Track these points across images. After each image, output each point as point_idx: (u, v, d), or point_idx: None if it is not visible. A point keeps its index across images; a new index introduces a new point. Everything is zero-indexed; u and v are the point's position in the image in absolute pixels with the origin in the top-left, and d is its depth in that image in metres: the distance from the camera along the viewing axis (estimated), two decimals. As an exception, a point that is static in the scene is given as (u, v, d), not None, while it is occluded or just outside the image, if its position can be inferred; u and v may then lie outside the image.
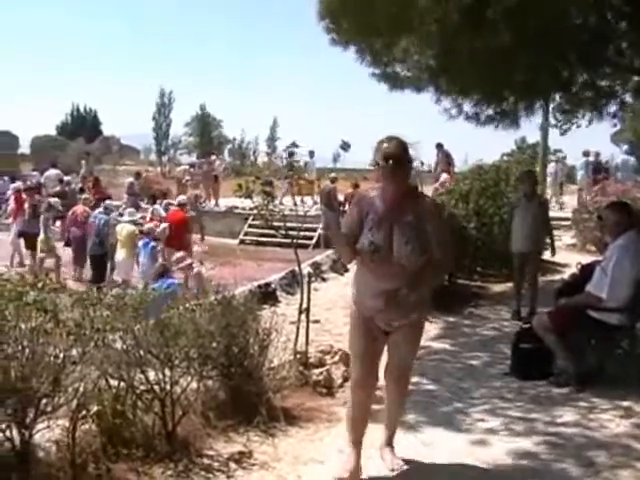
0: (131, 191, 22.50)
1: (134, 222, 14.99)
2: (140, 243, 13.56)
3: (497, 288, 11.48)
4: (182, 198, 16.40)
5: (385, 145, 4.15)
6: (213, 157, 28.48)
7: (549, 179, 22.50)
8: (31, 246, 15.32)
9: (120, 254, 13.75)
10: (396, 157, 4.09)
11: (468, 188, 12.52)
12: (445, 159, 21.67)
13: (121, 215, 16.63)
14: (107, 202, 16.61)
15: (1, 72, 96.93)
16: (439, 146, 22.09)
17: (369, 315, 4.34)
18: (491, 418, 5.65)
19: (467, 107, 9.53)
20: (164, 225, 14.53)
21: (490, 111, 9.34)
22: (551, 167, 23.59)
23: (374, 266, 4.21)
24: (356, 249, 4.25)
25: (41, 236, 14.90)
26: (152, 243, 13.40)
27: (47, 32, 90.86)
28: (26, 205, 15.98)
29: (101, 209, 15.34)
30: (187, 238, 14.70)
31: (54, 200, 16.71)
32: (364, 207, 4.29)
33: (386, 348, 4.49)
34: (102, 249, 14.25)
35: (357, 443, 4.54)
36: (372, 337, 4.37)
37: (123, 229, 14.06)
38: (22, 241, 15.96)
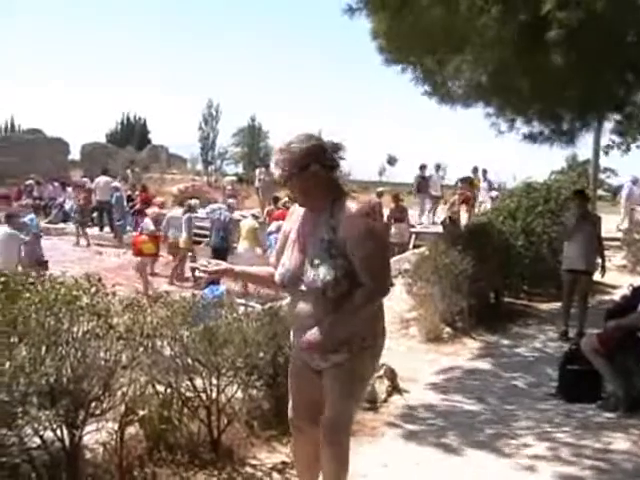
0: (230, 193, 22.96)
1: (255, 217, 16.06)
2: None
3: (544, 307, 11.31)
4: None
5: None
6: (270, 169, 28.57)
7: (622, 200, 21.45)
8: None
9: (242, 245, 14.90)
10: (285, 176, 3.41)
11: (516, 206, 12.42)
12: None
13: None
14: (193, 201, 17.74)
15: (55, 80, 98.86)
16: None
17: (296, 353, 3.71)
18: (537, 442, 5.52)
19: (520, 124, 9.48)
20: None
21: (544, 130, 9.26)
22: (626, 187, 22.15)
23: (292, 295, 3.60)
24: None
25: (184, 235, 15.83)
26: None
27: (100, 43, 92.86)
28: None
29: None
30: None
31: (194, 201, 17.68)
32: (287, 225, 3.70)
33: None
34: (225, 243, 15.35)
35: None
36: (303, 375, 3.67)
37: (245, 224, 15.21)
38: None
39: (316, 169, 3.38)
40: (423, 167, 21.95)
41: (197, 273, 14.83)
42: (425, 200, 21.77)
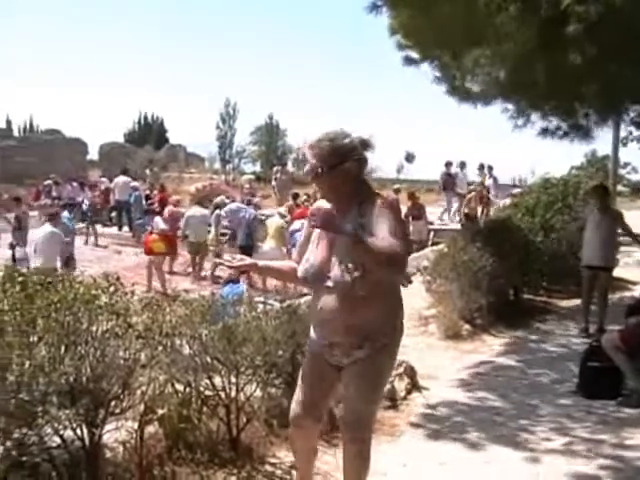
0: (248, 191, 23.08)
1: (283, 216, 16.01)
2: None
3: (564, 303, 11.23)
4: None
5: (306, 154, 3.50)
6: (287, 167, 28.72)
7: None
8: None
9: (269, 244, 14.92)
10: (315, 172, 3.45)
11: (534, 202, 12.34)
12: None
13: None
14: (220, 199, 18.09)
15: (72, 80, 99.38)
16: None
17: (316, 348, 3.70)
18: (557, 437, 5.52)
19: (536, 119, 9.43)
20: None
21: (563, 125, 9.21)
22: None
23: (315, 291, 3.62)
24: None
25: (211, 233, 16.10)
26: None
27: (118, 43, 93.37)
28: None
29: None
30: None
31: (220, 199, 17.92)
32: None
33: None
34: (250, 240, 15.43)
35: None
36: (317, 374, 3.68)
37: (272, 223, 15.28)
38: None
39: (346, 166, 3.41)
40: (448, 164, 21.69)
41: (217, 272, 14.97)
42: (452, 198, 21.49)
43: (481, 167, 21.95)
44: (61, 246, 11.27)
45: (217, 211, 16.30)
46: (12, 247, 14.53)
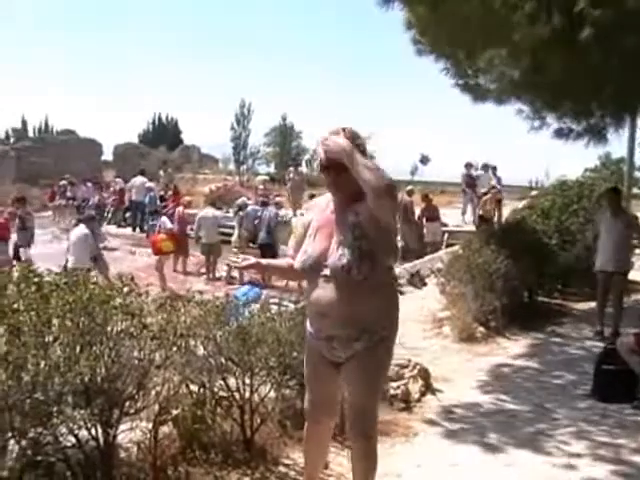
0: (262, 192, 23.14)
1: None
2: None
3: (578, 306, 11.17)
4: None
5: (322, 149, 3.51)
6: (300, 168, 28.70)
7: None
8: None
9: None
10: (334, 164, 3.46)
11: (550, 204, 12.30)
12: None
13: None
14: (241, 200, 17.80)
15: (87, 81, 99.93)
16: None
17: (314, 343, 3.70)
18: (575, 441, 5.48)
19: (551, 120, 9.40)
20: None
21: (577, 127, 9.16)
22: None
23: (312, 282, 3.59)
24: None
25: (235, 234, 15.99)
26: None
27: (132, 44, 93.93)
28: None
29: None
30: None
31: (242, 200, 17.74)
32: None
33: None
34: (271, 239, 15.45)
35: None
36: (318, 367, 3.71)
37: (298, 222, 14.86)
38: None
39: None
40: (469, 165, 21.55)
41: (232, 272, 14.97)
42: (474, 199, 21.24)
43: (485, 167, 21.66)
44: (92, 247, 11.47)
45: (240, 212, 16.24)
46: (16, 247, 14.56)
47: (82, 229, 11.45)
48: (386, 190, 3.32)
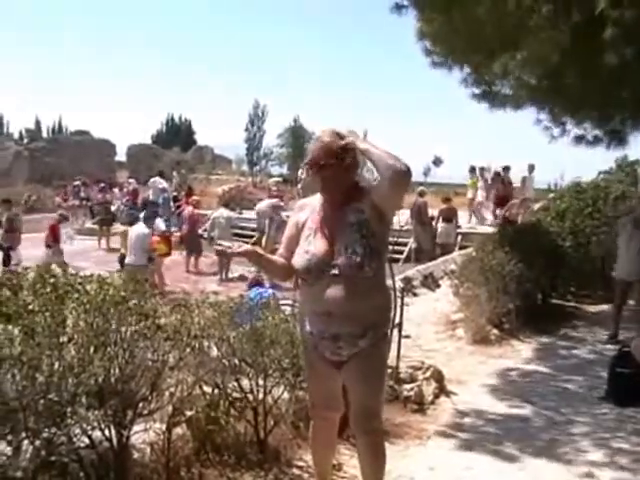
0: (275, 194, 23.23)
1: None
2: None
3: (592, 309, 11.11)
4: None
5: (310, 149, 3.58)
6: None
7: None
8: None
9: None
10: (320, 164, 3.50)
11: (565, 206, 12.23)
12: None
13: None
14: (276, 201, 18.10)
15: (101, 81, 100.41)
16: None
17: (312, 343, 3.68)
18: (594, 449, 5.41)
19: (570, 127, 9.33)
20: None
21: (597, 131, 9.09)
22: None
23: (312, 282, 3.56)
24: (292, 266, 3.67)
25: (265, 237, 16.20)
26: None
27: (146, 45, 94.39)
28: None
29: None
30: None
31: (276, 201, 17.88)
32: (301, 216, 3.77)
33: None
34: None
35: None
36: (318, 367, 3.70)
37: (289, 221, 15.02)
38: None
39: (349, 161, 3.51)
40: (483, 169, 21.52)
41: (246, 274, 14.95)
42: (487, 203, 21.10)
43: (531, 168, 21.24)
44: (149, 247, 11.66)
45: (276, 217, 16.19)
46: (2, 249, 14.37)
47: (142, 228, 11.56)
48: (407, 173, 3.33)
